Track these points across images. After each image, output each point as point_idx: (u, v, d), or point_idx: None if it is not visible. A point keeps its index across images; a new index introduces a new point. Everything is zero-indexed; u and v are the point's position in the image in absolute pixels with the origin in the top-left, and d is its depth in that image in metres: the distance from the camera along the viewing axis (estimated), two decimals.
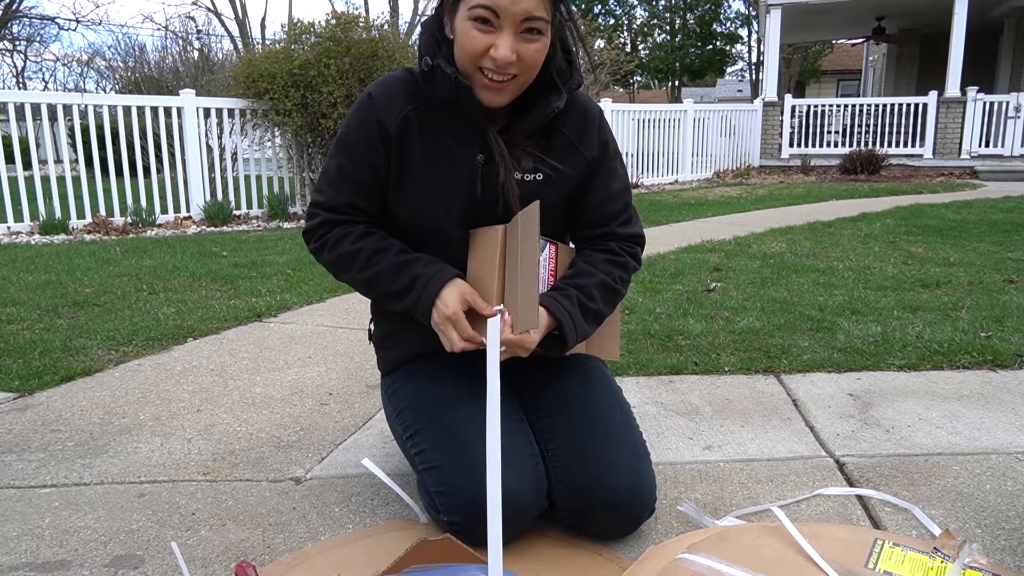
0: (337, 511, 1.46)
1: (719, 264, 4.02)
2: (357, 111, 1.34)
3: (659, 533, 1.35)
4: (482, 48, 1.20)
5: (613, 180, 1.42)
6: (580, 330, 1.32)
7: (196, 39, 23.59)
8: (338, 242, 1.36)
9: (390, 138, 1.32)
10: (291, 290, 3.54)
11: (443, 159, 1.33)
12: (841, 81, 28.48)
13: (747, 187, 9.43)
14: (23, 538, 1.37)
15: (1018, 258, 4.05)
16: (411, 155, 1.33)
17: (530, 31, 1.20)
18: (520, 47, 1.20)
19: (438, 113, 1.32)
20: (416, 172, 1.34)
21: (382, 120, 1.31)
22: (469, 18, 1.19)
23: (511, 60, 1.20)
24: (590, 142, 1.39)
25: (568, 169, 1.37)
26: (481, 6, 1.17)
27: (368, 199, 1.36)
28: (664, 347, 2.52)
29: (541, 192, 1.34)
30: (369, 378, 2.26)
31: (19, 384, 2.23)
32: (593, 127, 1.40)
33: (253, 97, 6.84)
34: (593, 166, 1.40)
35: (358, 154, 1.34)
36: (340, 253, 1.36)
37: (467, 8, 1.19)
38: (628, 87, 35.77)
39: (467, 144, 1.32)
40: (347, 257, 1.35)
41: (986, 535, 1.34)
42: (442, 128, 1.32)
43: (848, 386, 2.15)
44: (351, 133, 1.34)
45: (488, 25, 1.19)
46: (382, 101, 1.32)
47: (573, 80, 1.33)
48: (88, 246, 5.24)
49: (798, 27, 14.38)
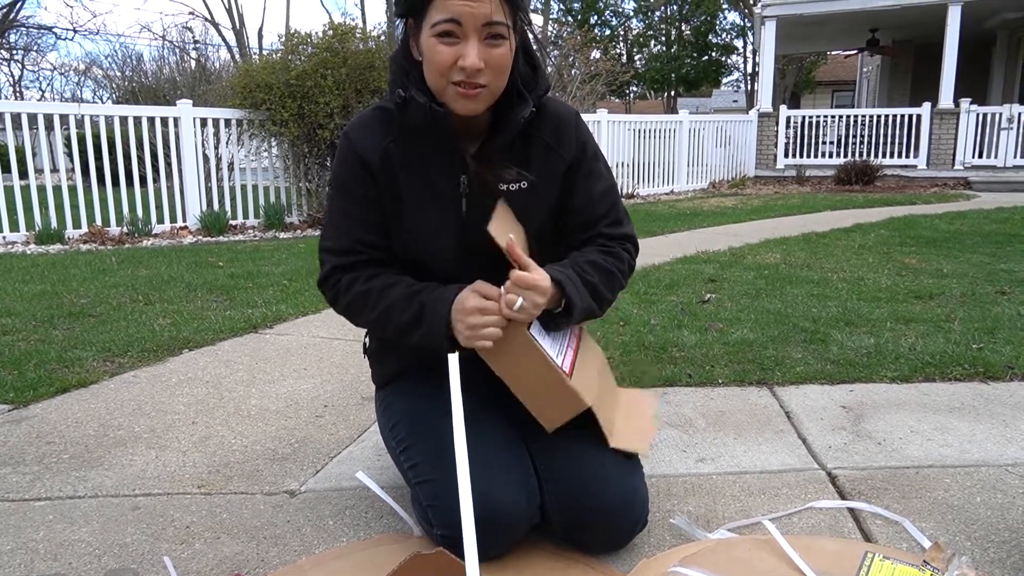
0: (331, 524, 1.47)
1: (714, 275, 4.04)
2: (340, 153, 1.38)
3: (651, 546, 1.36)
4: (450, 60, 1.22)
5: (595, 181, 1.43)
6: (581, 293, 1.31)
7: (193, 49, 23.65)
8: (349, 287, 1.37)
9: (374, 172, 1.34)
10: (287, 301, 3.55)
11: (426, 187, 1.35)
12: (836, 92, 28.64)
13: (742, 197, 9.47)
14: (17, 552, 1.37)
15: (1011, 269, 4.08)
16: (397, 187, 1.35)
17: (493, 37, 1.22)
18: (486, 54, 1.22)
19: (416, 141, 1.33)
20: (404, 203, 1.35)
21: (363, 156, 1.34)
22: (433, 35, 1.21)
23: (479, 67, 1.22)
24: (568, 143, 1.40)
25: (550, 171, 1.39)
26: (443, 20, 1.20)
27: (375, 233, 1.37)
28: (658, 358, 2.53)
29: (527, 200, 1.37)
30: (364, 390, 2.26)
31: (14, 396, 2.23)
32: (569, 128, 1.41)
33: (250, 107, 6.86)
34: (574, 167, 1.41)
35: (352, 192, 1.36)
36: (351, 297, 1.37)
37: (430, 27, 1.22)
38: (624, 98, 35.94)
39: (448, 169, 1.34)
40: (358, 299, 1.36)
41: (976, 548, 1.34)
42: (421, 156, 1.34)
43: (841, 398, 2.16)
44: (340, 174, 1.37)
45: (452, 37, 1.21)
46: (359, 138, 1.35)
47: (540, 87, 1.35)
48: (84, 256, 5.24)
49: (793, 38, 14.47)
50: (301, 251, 5.34)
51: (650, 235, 5.91)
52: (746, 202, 8.76)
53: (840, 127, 11.85)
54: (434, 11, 1.20)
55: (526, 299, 1.22)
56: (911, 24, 13.26)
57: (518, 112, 1.31)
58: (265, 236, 6.58)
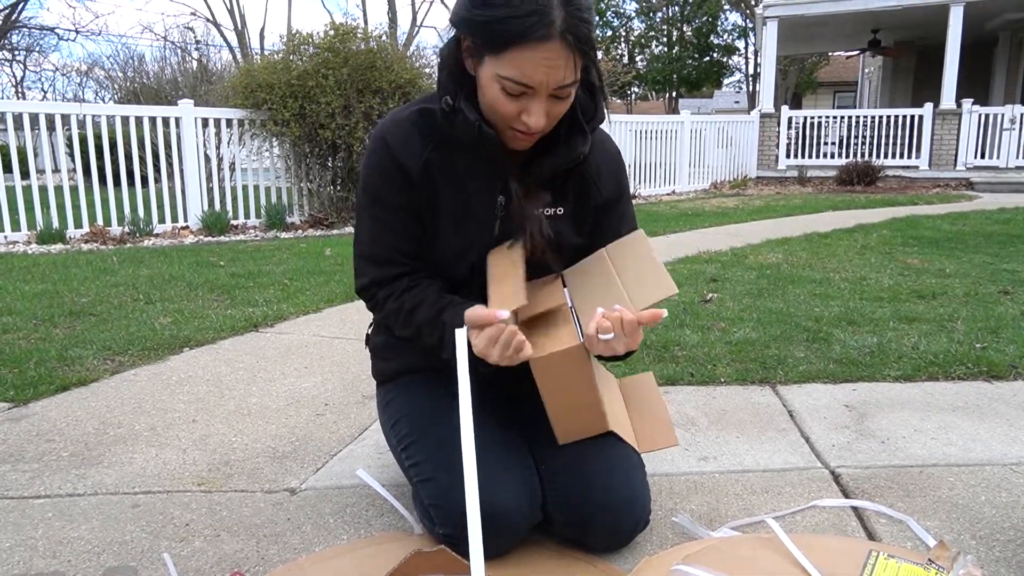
0: (332, 522, 1.46)
1: (716, 275, 4.03)
2: (375, 158, 1.31)
3: (654, 544, 1.35)
4: (514, 114, 1.18)
5: (623, 225, 1.41)
6: None
7: (195, 49, 23.66)
8: (385, 301, 1.35)
9: (412, 180, 1.29)
10: (288, 300, 3.54)
11: (462, 201, 1.31)
12: (837, 93, 28.64)
13: (744, 198, 9.46)
14: (16, 549, 1.36)
15: (1013, 269, 4.06)
16: (435, 197, 1.31)
17: (561, 91, 1.17)
18: (551, 108, 1.18)
19: (458, 154, 1.29)
20: (441, 216, 1.32)
21: (403, 164, 1.28)
22: (499, 84, 1.16)
23: (543, 126, 1.19)
24: (609, 182, 1.38)
25: (585, 202, 1.37)
26: (514, 81, 1.14)
27: (410, 242, 1.34)
28: (660, 358, 2.52)
29: (562, 226, 1.35)
30: (365, 389, 2.26)
31: (14, 394, 2.23)
32: (612, 167, 1.39)
33: (251, 107, 6.86)
34: (608, 207, 1.39)
35: (388, 199, 1.31)
36: (387, 313, 1.36)
37: (496, 73, 1.15)
38: (625, 98, 35.92)
39: (487, 186, 1.31)
40: (392, 315, 1.35)
41: (981, 547, 1.34)
42: (461, 168, 1.30)
43: (844, 397, 2.15)
44: (374, 181, 1.31)
45: (520, 96, 1.16)
46: (399, 145, 1.29)
47: (596, 118, 1.31)
48: (85, 256, 5.24)
49: (794, 39, 14.47)
50: (302, 251, 5.34)
51: (652, 235, 5.89)
52: (748, 202, 8.75)
53: (842, 128, 11.84)
54: (508, 64, 1.13)
55: (616, 341, 1.16)
56: (913, 25, 13.26)
57: (577, 147, 1.27)
58: (266, 236, 6.57)
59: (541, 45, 1.11)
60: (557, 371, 1.22)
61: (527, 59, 1.12)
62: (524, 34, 1.10)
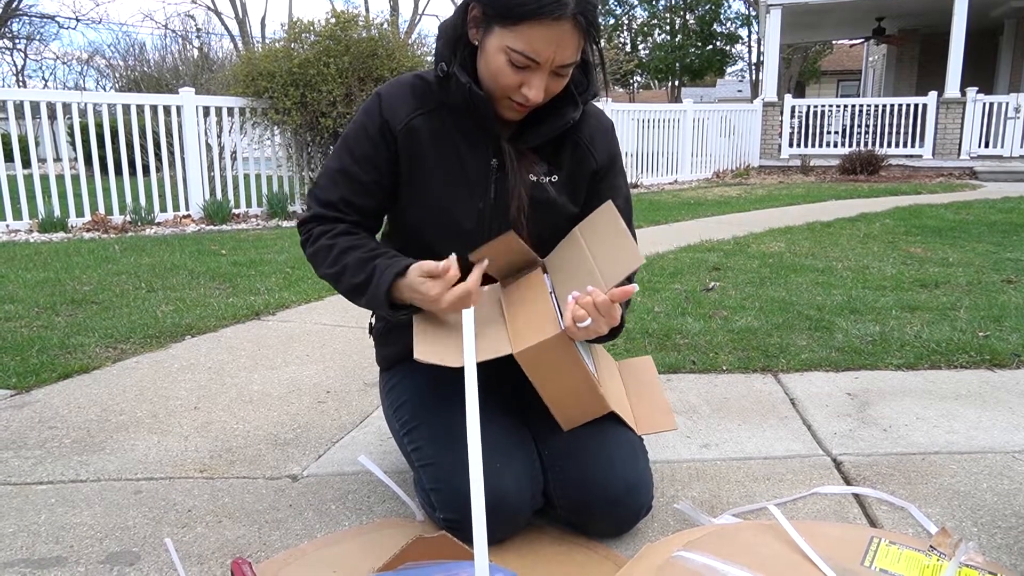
0: (333, 508, 1.46)
1: (718, 264, 4.02)
2: (364, 109, 1.35)
3: (655, 531, 1.35)
4: (514, 85, 1.22)
5: (616, 196, 1.42)
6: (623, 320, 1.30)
7: (196, 38, 23.59)
8: (319, 237, 1.35)
9: (395, 137, 1.32)
10: (289, 288, 3.54)
11: (455, 162, 1.33)
12: (841, 81, 28.49)
13: (746, 187, 9.43)
14: (19, 534, 1.37)
15: (1016, 258, 4.05)
16: (422, 156, 1.33)
17: (562, 70, 1.22)
18: (549, 83, 1.23)
19: (450, 117, 1.32)
20: (428, 171, 1.33)
21: (388, 120, 1.31)
22: (505, 55, 1.19)
23: (542, 99, 1.23)
24: (601, 150, 1.40)
25: (579, 171, 1.38)
26: (522, 54, 1.18)
27: (365, 197, 1.35)
28: (662, 346, 2.52)
29: (554, 194, 1.35)
30: (367, 376, 2.26)
31: (17, 381, 2.23)
32: (606, 136, 1.41)
33: (252, 96, 6.83)
34: (600, 175, 1.40)
35: (360, 151, 1.33)
36: (318, 248, 1.35)
37: (503, 44, 1.18)
38: (628, 87, 35.80)
39: (480, 149, 1.33)
40: (323, 251, 1.34)
41: (982, 533, 1.34)
42: (454, 132, 1.32)
43: (846, 385, 2.15)
44: (356, 131, 1.35)
45: (525, 68, 1.20)
46: (389, 101, 1.32)
47: (589, 91, 1.33)
48: (87, 244, 5.23)
49: (798, 27, 14.38)
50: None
51: (654, 224, 5.89)
52: (750, 192, 8.72)
53: (845, 117, 11.78)
54: (519, 37, 1.17)
55: (596, 324, 1.18)
56: (917, 13, 13.18)
57: (567, 114, 1.31)
58: (268, 225, 6.57)
59: (555, 23, 1.15)
60: (543, 361, 1.23)
61: (538, 35, 1.16)
62: (540, 11, 1.14)
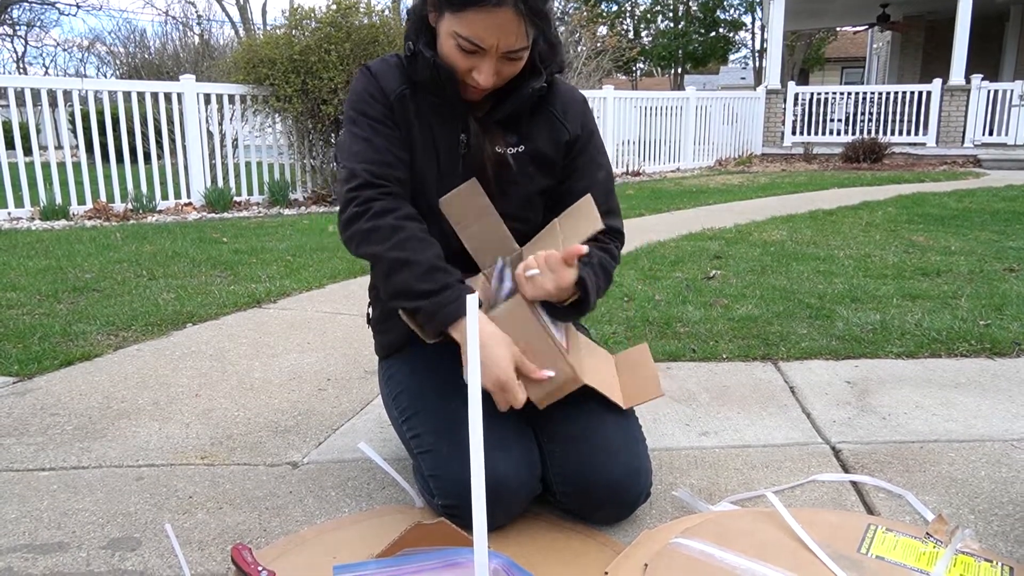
0: (333, 495, 1.47)
1: (719, 252, 4.01)
2: (361, 83, 1.35)
3: (654, 518, 1.36)
4: (465, 69, 1.26)
5: (598, 169, 1.45)
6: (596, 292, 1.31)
7: (197, 25, 23.47)
8: (384, 214, 1.27)
9: (391, 105, 1.34)
10: (291, 276, 3.54)
11: (429, 138, 1.36)
12: (845, 69, 28.34)
13: (749, 175, 9.40)
14: (21, 520, 1.38)
15: (1019, 247, 4.04)
16: (409, 125, 1.35)
17: (512, 56, 1.24)
18: (500, 68, 1.25)
19: (423, 95, 1.34)
20: (415, 151, 1.36)
21: (384, 88, 1.34)
22: (454, 40, 1.23)
23: (492, 84, 1.26)
24: (574, 120, 1.41)
25: (552, 141, 1.40)
26: (466, 39, 1.21)
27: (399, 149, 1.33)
28: (663, 334, 2.52)
29: (525, 165, 1.38)
30: (367, 364, 2.26)
31: (18, 368, 2.24)
32: (578, 107, 1.43)
33: (253, 83, 6.81)
34: (576, 146, 1.42)
35: (374, 113, 1.33)
36: (380, 224, 1.26)
37: (452, 29, 1.22)
38: (631, 74, 35.61)
39: (450, 126, 1.35)
40: (386, 230, 1.26)
41: (979, 521, 1.34)
42: (427, 110, 1.35)
43: (846, 373, 2.15)
44: (362, 101, 1.34)
45: (473, 53, 1.23)
46: (381, 73, 1.35)
47: (555, 63, 1.36)
48: (88, 232, 5.24)
49: (802, 14, 14.28)
50: (305, 227, 5.33)
51: (655, 212, 5.88)
52: (752, 179, 8.69)
53: (849, 104, 11.73)
54: (463, 23, 1.20)
55: (544, 279, 1.21)
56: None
57: (530, 84, 1.32)
58: (269, 213, 6.56)
59: (495, 11, 1.18)
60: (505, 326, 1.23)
61: (480, 22, 1.19)
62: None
